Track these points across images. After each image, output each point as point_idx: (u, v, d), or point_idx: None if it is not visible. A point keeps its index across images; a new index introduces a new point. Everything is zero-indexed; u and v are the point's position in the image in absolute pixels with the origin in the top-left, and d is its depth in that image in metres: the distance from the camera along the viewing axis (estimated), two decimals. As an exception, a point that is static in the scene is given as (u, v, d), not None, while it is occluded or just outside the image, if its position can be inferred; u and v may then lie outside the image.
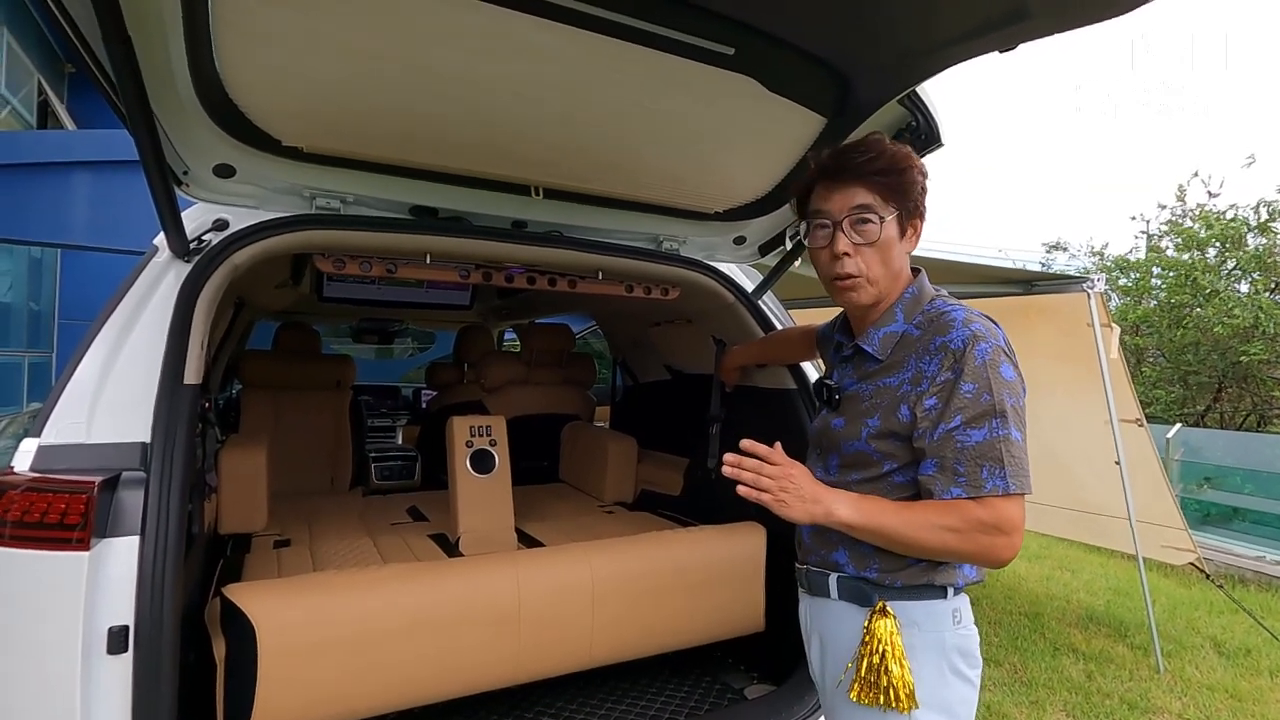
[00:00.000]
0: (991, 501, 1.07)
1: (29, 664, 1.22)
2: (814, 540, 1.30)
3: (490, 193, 1.83)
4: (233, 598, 1.53)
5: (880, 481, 1.20)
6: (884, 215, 1.19)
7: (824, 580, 1.27)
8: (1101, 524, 4.24)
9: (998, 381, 1.10)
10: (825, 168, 1.24)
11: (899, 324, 1.23)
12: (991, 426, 1.08)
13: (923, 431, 1.13)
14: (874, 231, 1.19)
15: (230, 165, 1.55)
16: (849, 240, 1.20)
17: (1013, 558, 1.10)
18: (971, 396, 1.09)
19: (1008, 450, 1.08)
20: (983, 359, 1.11)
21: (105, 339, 1.43)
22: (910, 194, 1.21)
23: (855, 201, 1.19)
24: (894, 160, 1.20)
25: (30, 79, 6.94)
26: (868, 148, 1.20)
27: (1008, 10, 1.17)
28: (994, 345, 1.13)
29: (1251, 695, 3.37)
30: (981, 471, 1.08)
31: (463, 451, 2.38)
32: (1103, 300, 3.67)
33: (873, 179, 1.19)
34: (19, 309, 6.43)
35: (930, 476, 1.12)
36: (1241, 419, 10.14)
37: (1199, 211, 10.56)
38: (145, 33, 1.15)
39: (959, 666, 1.17)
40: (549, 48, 1.31)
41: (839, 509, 1.14)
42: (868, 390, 1.23)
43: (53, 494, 1.21)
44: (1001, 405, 1.09)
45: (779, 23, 1.34)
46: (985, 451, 1.08)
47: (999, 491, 1.07)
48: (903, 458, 1.18)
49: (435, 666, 1.70)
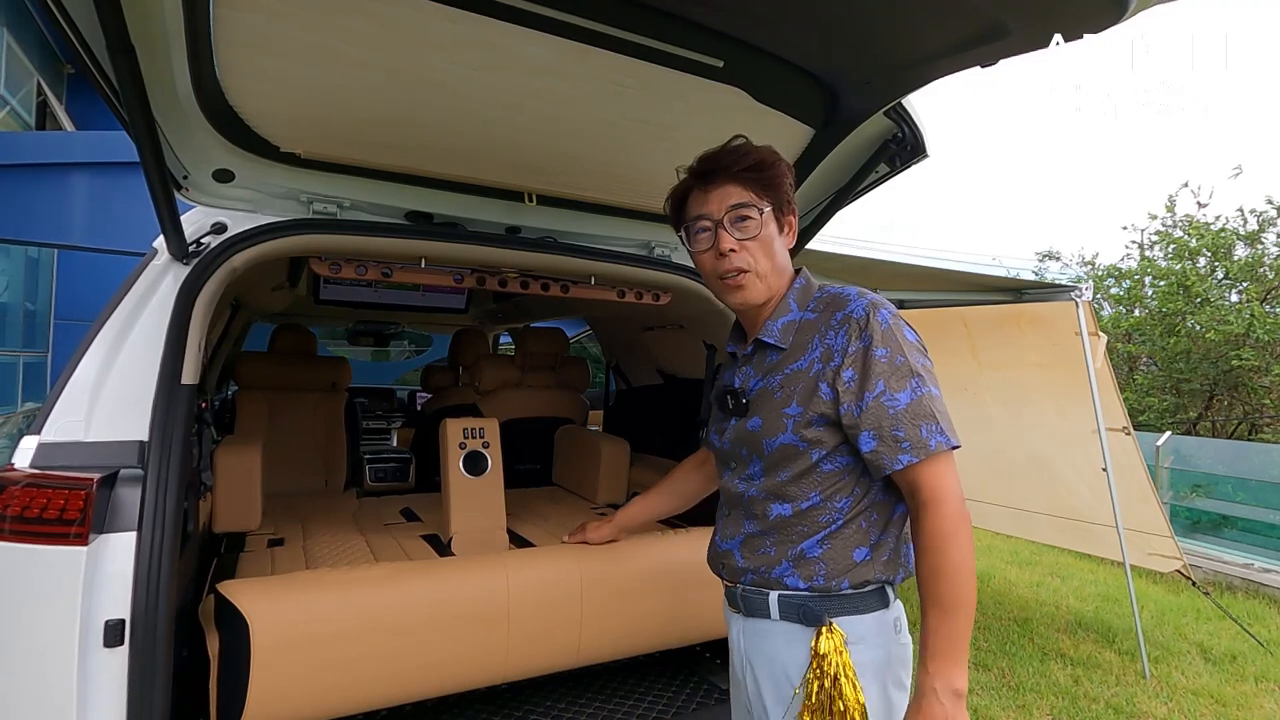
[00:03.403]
0: (917, 470, 1.08)
1: (27, 657, 1.25)
2: (746, 556, 1.23)
3: (484, 199, 1.87)
4: (227, 593, 1.54)
5: (811, 474, 1.16)
6: (761, 209, 1.21)
7: (762, 600, 1.19)
8: (1089, 531, 4.27)
9: (907, 344, 1.13)
10: (698, 172, 1.25)
11: (794, 313, 1.23)
12: (913, 386, 1.10)
13: (848, 406, 1.12)
14: (754, 226, 1.20)
15: (229, 170, 1.58)
16: (732, 237, 1.20)
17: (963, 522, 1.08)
18: (886, 361, 1.11)
19: (935, 407, 1.10)
20: (886, 324, 1.13)
21: (105, 339, 1.46)
22: (781, 188, 1.23)
23: (732, 200, 1.20)
24: (761, 158, 1.21)
25: (29, 80, 6.96)
26: (736, 150, 1.22)
27: (987, 28, 1.21)
28: (892, 312, 1.15)
29: (1236, 701, 3.41)
30: (921, 431, 1.08)
31: (455, 453, 2.41)
32: (1091, 309, 3.71)
33: (744, 176, 1.21)
34: (15, 309, 6.43)
35: (874, 451, 1.10)
36: (1233, 427, 10.20)
37: (1189, 222, 10.65)
38: (148, 42, 1.18)
39: (901, 677, 1.15)
40: (542, 59, 1.35)
41: (956, 679, 1.04)
42: (776, 381, 1.21)
43: (52, 490, 1.24)
44: (917, 365, 1.12)
45: (767, 37, 1.38)
46: (917, 411, 1.09)
47: (945, 447, 1.08)
48: (830, 442, 1.15)
49: (426, 663, 1.72)
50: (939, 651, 1.05)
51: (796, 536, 1.17)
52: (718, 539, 1.33)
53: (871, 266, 3.76)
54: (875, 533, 1.16)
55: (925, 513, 1.08)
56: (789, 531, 1.18)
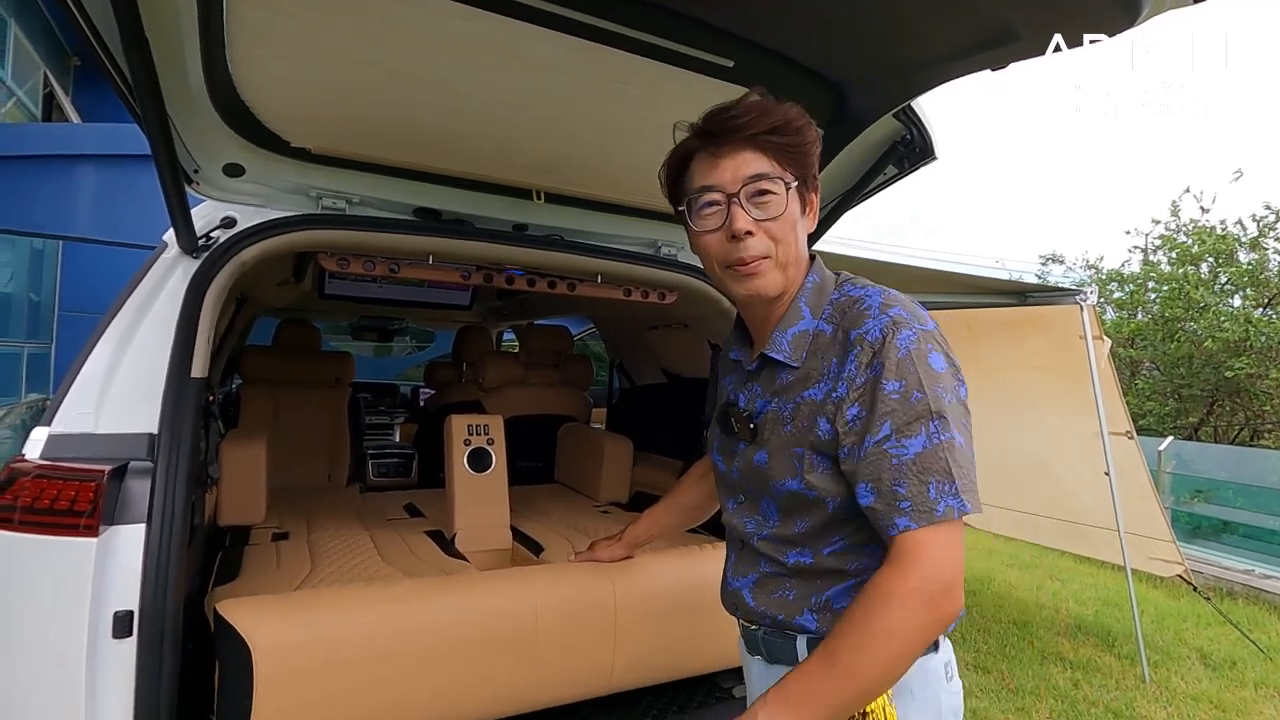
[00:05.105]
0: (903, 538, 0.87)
1: (38, 647, 1.26)
2: (759, 598, 1.06)
3: (492, 196, 1.87)
4: (227, 615, 1.41)
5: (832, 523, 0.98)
6: (788, 182, 0.98)
7: (789, 646, 1.03)
8: (1091, 535, 4.27)
9: (928, 375, 0.89)
10: (706, 131, 1.00)
11: (807, 320, 1.01)
12: (930, 431, 0.88)
13: (848, 450, 0.92)
14: (778, 204, 0.97)
15: (240, 165, 1.59)
16: (749, 216, 0.97)
17: (959, 607, 0.88)
18: (899, 398, 0.89)
19: (953, 459, 0.87)
20: (906, 349, 0.90)
21: (115, 332, 1.46)
22: (809, 158, 1.01)
23: (750, 170, 0.97)
24: (788, 118, 0.97)
25: (36, 71, 6.97)
26: (756, 105, 0.98)
27: (998, 32, 1.21)
28: (919, 331, 0.92)
29: (1235, 706, 3.41)
30: (929, 490, 0.86)
31: (460, 450, 2.42)
32: (1095, 313, 3.71)
33: (766, 141, 0.97)
34: (19, 300, 6.45)
35: (871, 509, 0.90)
36: (1234, 433, 10.20)
37: (1192, 227, 10.65)
38: (162, 36, 1.18)
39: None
40: (552, 57, 1.35)
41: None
42: (788, 410, 1.00)
43: (63, 481, 1.25)
44: (938, 404, 0.88)
45: (777, 37, 1.38)
46: (928, 464, 0.87)
47: (955, 513, 0.86)
48: (844, 490, 0.95)
49: (447, 690, 1.60)
50: (792, 696, 0.87)
51: (821, 584, 1.00)
52: (729, 575, 1.16)
53: (876, 269, 3.76)
54: None
55: (891, 566, 0.88)
56: (810, 578, 1.01)
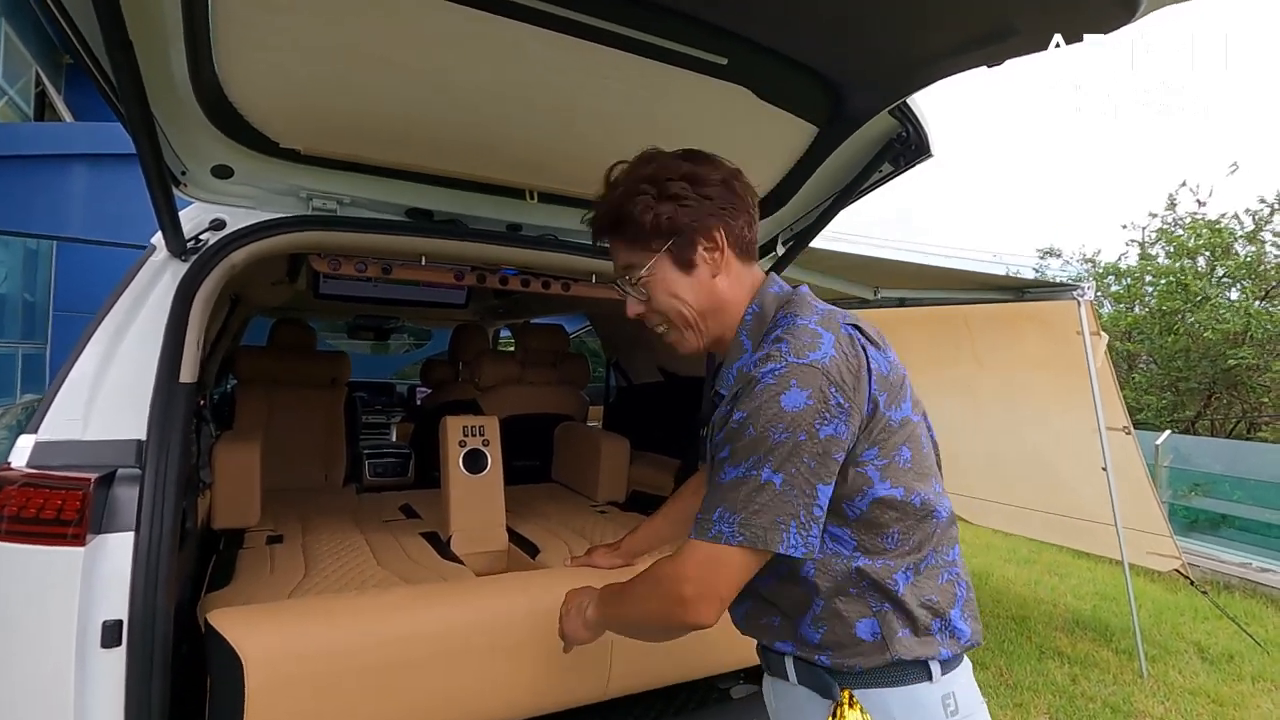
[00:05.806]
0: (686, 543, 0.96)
1: (25, 658, 1.24)
2: (748, 626, 1.11)
3: (485, 196, 1.85)
4: (218, 625, 1.38)
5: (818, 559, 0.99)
6: (647, 263, 1.05)
7: (780, 661, 1.06)
8: (1088, 530, 4.27)
9: (771, 411, 0.89)
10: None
11: (747, 355, 1.02)
12: (747, 465, 0.90)
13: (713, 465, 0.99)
14: (649, 283, 1.07)
15: (228, 166, 1.57)
16: (633, 302, 1.12)
17: (697, 621, 0.95)
18: (737, 427, 0.92)
19: (755, 495, 0.89)
20: (764, 385, 0.91)
21: (102, 337, 1.44)
22: (657, 227, 1.03)
23: (620, 262, 1.11)
24: (612, 207, 1.07)
25: (28, 70, 6.93)
26: (598, 207, 1.11)
27: (994, 28, 1.20)
28: (787, 365, 0.91)
29: (1233, 700, 3.41)
30: (714, 513, 0.92)
31: (455, 451, 2.40)
32: (1092, 308, 3.70)
33: (613, 236, 1.09)
34: (14, 300, 6.42)
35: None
36: (1232, 426, 10.22)
37: (1189, 220, 10.66)
38: (146, 37, 1.16)
39: None
40: (545, 55, 1.33)
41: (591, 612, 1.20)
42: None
43: (49, 490, 1.23)
44: (765, 443, 0.89)
45: (771, 34, 1.36)
46: (728, 492, 0.91)
47: (725, 541, 0.90)
48: None
49: (440, 701, 1.56)
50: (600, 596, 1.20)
51: (792, 612, 1.02)
52: None
53: (871, 265, 3.74)
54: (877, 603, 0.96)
55: (669, 556, 1.00)
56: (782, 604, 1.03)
